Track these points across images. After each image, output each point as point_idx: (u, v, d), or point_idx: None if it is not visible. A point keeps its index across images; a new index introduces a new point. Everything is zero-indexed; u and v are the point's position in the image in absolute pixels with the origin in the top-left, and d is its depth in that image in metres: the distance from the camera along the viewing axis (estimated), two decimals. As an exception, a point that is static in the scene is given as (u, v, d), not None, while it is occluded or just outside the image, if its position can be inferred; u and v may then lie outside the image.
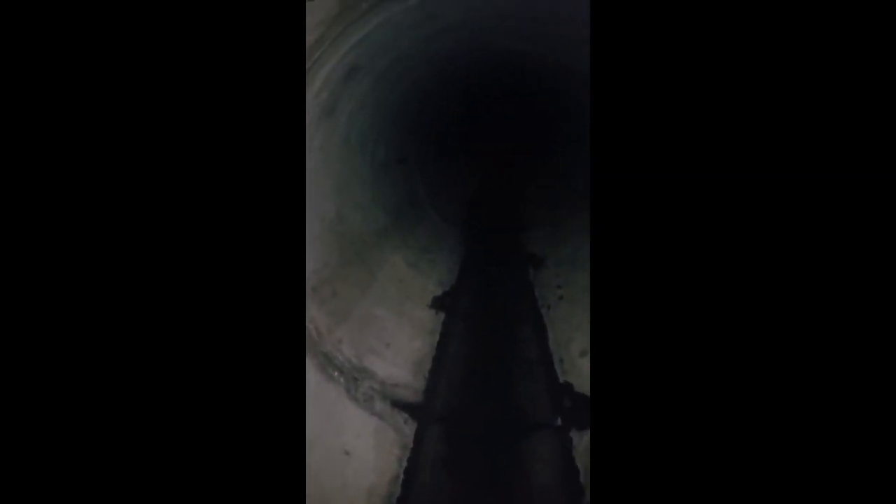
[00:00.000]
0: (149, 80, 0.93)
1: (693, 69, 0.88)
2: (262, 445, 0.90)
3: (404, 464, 2.22)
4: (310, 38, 2.17)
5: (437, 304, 3.72)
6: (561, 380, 2.78)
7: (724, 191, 0.88)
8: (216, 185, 0.95)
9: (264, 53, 0.98)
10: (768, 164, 0.86)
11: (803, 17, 0.85)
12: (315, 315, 2.67)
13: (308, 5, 1.89)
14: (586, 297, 3.66)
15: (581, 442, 2.37)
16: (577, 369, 2.86)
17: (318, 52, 2.38)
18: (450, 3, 2.96)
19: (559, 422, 2.51)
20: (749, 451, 0.84)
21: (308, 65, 2.33)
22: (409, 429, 2.41)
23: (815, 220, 0.85)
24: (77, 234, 0.89)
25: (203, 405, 0.89)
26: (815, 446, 0.82)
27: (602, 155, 0.93)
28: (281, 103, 1.00)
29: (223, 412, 0.90)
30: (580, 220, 4.74)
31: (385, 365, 2.75)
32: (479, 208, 6.10)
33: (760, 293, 0.86)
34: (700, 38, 0.88)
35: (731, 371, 0.86)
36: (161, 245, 0.92)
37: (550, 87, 4.96)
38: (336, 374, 2.51)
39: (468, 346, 3.17)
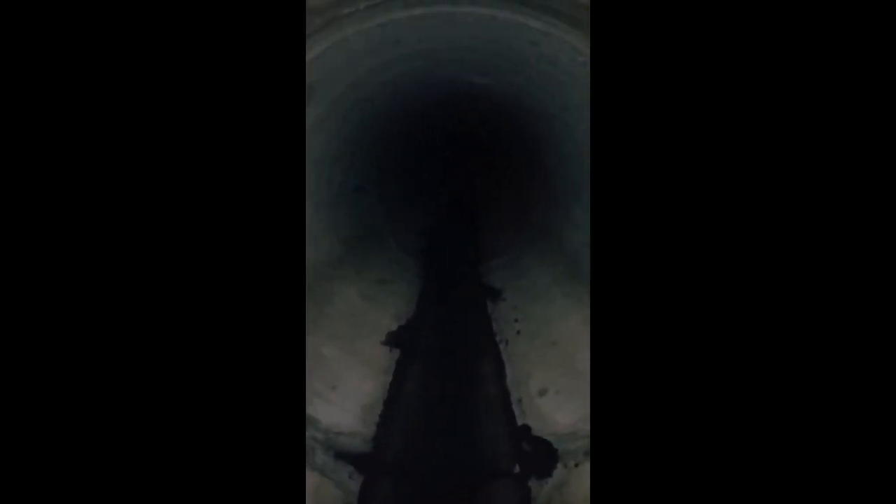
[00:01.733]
0: (147, 85, 0.90)
1: (693, 71, 0.89)
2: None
3: (346, 528, 1.98)
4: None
5: (392, 339, 3.52)
6: (519, 422, 2.64)
7: (723, 197, 0.87)
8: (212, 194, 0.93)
9: (262, 48, 0.95)
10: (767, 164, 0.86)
11: (799, 19, 0.85)
12: (252, 356, 2.42)
13: None
14: (543, 331, 3.58)
15: (541, 492, 2.21)
16: (535, 409, 2.73)
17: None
18: (408, 30, 2.91)
19: (517, 469, 2.35)
20: (752, 465, 0.82)
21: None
22: (355, 484, 2.17)
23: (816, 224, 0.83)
24: (58, 235, 0.86)
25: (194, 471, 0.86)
26: (818, 463, 0.80)
27: (602, 155, 0.94)
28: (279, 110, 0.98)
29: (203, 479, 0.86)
30: (537, 252, 4.73)
31: (330, 410, 2.51)
32: (439, 238, 6.00)
33: (757, 294, 0.85)
34: (701, 36, 0.89)
35: (732, 378, 0.84)
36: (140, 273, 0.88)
37: (509, 120, 5.03)
38: (273, 423, 2.26)
39: (423, 386, 2.98)
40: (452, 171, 7.46)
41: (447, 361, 3.31)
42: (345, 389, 2.72)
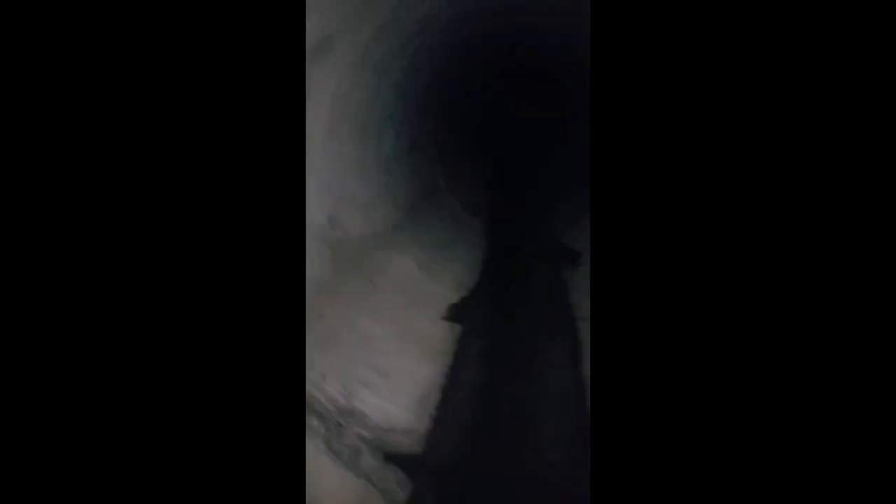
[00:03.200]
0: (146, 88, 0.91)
1: (694, 70, 0.88)
2: None
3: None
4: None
5: (453, 314, 3.20)
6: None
7: (728, 197, 0.86)
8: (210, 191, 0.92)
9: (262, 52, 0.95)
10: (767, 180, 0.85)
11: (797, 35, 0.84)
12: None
13: None
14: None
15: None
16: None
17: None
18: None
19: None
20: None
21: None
22: (404, 492, 1.92)
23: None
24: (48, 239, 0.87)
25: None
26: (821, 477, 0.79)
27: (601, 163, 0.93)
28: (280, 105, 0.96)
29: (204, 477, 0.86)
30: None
31: (380, 402, 2.27)
32: (501, 195, 5.46)
33: (756, 295, 0.85)
34: (701, 37, 0.88)
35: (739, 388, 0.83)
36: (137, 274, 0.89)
37: (553, 70, 4.25)
38: (315, 422, 2.05)
39: (486, 371, 2.62)
40: (508, 123, 6.76)
41: (514, 340, 2.91)
42: (397, 377, 2.46)
